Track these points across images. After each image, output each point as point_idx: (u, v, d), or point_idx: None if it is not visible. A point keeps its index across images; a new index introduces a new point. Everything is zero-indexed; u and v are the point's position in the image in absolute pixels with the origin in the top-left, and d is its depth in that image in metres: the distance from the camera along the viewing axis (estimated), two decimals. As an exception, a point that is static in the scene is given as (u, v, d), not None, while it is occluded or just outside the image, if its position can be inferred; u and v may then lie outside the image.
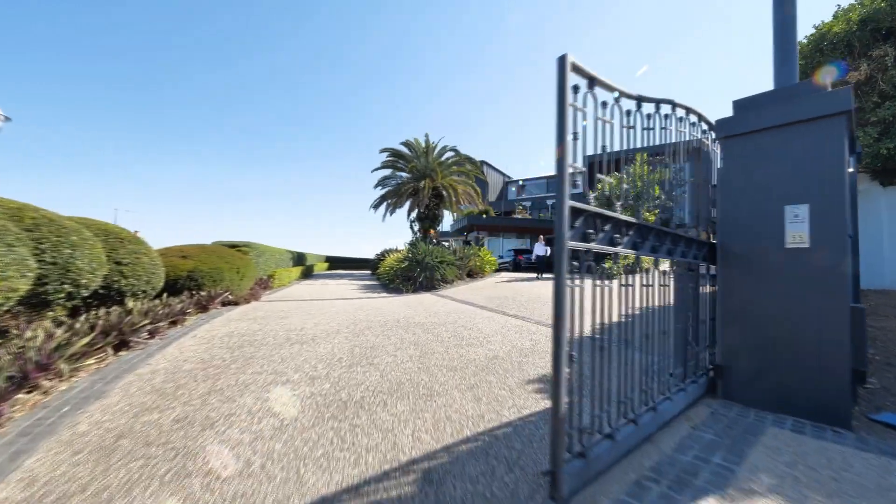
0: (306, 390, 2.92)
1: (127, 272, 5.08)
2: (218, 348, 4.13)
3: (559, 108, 1.70)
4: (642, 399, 2.42)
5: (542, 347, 4.48)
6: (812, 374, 2.52)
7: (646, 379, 2.49)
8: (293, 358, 3.83)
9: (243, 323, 5.70)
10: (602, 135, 2.00)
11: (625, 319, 2.36)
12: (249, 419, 2.41)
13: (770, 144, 2.78)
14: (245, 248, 11.00)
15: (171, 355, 3.78)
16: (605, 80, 1.96)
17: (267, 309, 7.26)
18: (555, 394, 1.69)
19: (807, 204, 2.62)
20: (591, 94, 1.92)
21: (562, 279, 1.69)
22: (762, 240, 2.81)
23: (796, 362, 2.59)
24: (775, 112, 2.75)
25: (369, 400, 2.77)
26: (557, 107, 1.71)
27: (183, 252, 7.94)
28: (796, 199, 2.66)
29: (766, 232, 2.79)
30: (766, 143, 2.81)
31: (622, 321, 2.37)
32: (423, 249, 12.05)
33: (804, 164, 2.63)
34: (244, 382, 3.06)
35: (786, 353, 2.64)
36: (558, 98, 1.71)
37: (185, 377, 3.15)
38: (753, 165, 2.87)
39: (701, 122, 3.10)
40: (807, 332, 2.56)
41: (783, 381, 2.65)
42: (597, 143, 2.00)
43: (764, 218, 2.80)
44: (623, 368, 2.29)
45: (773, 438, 2.32)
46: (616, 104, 2.09)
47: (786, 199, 2.71)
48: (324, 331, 5.18)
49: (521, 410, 2.66)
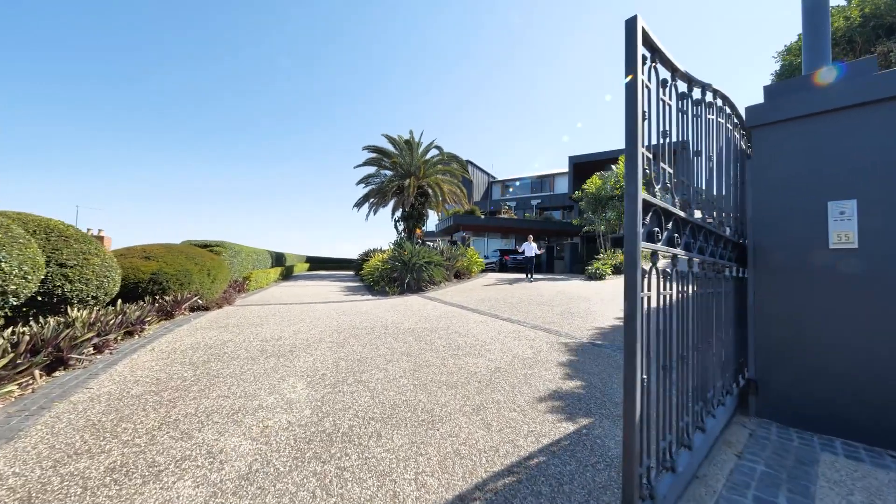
0: (282, 419, 2.44)
1: (73, 276, 4.41)
2: (179, 364, 3.56)
3: (630, 83, 1.32)
4: (694, 419, 2.07)
5: (545, 356, 4.13)
6: (865, 390, 2.24)
7: (693, 395, 2.14)
8: (268, 375, 3.32)
9: (212, 332, 5.10)
10: (662, 118, 1.63)
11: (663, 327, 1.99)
12: (208, 464, 1.91)
13: (810, 133, 2.50)
14: (218, 247, 10.22)
15: (120, 375, 3.20)
16: (667, 53, 1.59)
17: (241, 315, 6.63)
18: (629, 436, 1.30)
19: (853, 199, 2.34)
20: (655, 69, 1.55)
21: (636, 291, 1.30)
22: (801, 240, 2.52)
23: (845, 377, 2.31)
24: (816, 97, 2.46)
25: (359, 430, 2.32)
26: (627, 81, 1.33)
27: (146, 252, 7.20)
28: (841, 194, 2.38)
29: (805, 231, 2.50)
30: (805, 132, 2.52)
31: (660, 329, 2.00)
32: (410, 250, 11.58)
33: (851, 154, 2.35)
34: (206, 410, 2.55)
35: (832, 366, 2.35)
36: (627, 69, 1.33)
37: (132, 405, 2.60)
38: (790, 157, 2.59)
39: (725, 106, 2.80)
40: (857, 342, 2.28)
41: (829, 398, 2.36)
42: (659, 129, 1.63)
43: (803, 215, 2.51)
44: (681, 386, 1.92)
45: (831, 468, 2.01)
46: (673, 84, 1.73)
47: (829, 195, 2.42)
48: (304, 340, 4.65)
49: (539, 439, 2.27)
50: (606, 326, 5.78)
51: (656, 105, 1.60)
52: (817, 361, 2.41)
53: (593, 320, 6.21)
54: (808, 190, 2.50)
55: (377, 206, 19.12)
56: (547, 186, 32.81)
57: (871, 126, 2.29)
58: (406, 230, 18.83)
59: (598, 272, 12.78)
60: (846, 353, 2.31)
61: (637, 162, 1.34)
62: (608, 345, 4.72)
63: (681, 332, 1.87)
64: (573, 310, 7.12)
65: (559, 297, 8.65)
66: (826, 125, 2.44)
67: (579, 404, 2.84)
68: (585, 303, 7.96)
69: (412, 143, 18.63)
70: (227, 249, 10.59)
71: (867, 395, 2.23)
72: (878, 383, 2.20)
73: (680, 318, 1.87)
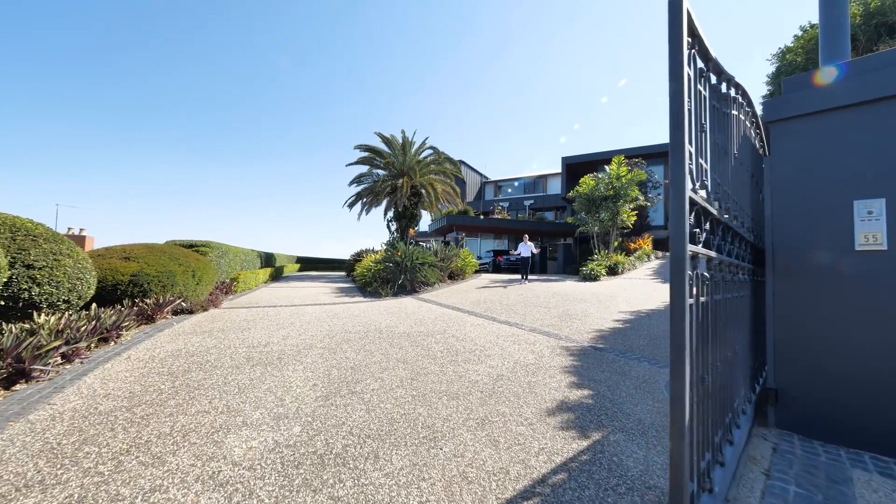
0: (269, 439, 2.20)
1: (41, 278, 4.09)
2: (156, 375, 3.28)
3: (675, 70, 1.14)
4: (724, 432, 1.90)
5: (548, 362, 3.95)
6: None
7: (723, 405, 1.97)
8: (254, 387, 3.07)
9: (196, 338, 4.81)
10: (698, 112, 1.46)
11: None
12: (182, 496, 1.68)
13: (835, 128, 2.36)
14: (204, 247, 9.85)
15: (89, 388, 2.91)
16: (706, 41, 1.41)
17: (227, 318, 6.33)
18: (677, 469, 1.11)
19: (882, 198, 2.21)
20: (694, 58, 1.37)
21: (684, 298, 1.11)
22: (824, 241, 2.38)
23: (873, 386, 2.17)
24: (843, 90, 2.33)
25: (354, 451, 2.10)
26: (671, 70, 1.15)
27: (126, 253, 6.84)
28: (869, 192, 2.25)
29: (829, 232, 2.36)
30: (829, 127, 2.39)
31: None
32: (403, 250, 11.34)
33: (881, 150, 2.22)
34: (183, 429, 2.30)
35: (860, 375, 2.22)
36: (671, 58, 1.15)
37: (99, 423, 2.33)
38: (812, 153, 2.45)
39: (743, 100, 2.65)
40: (887, 349, 2.14)
41: (856, 408, 2.23)
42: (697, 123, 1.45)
43: (826, 215, 2.38)
44: (715, 397, 1.74)
45: (867, 488, 1.87)
46: (706, 75, 1.56)
47: (855, 193, 2.29)
48: (294, 346, 4.40)
49: (552, 458, 2.08)
50: (606, 329, 5.65)
51: (694, 97, 1.43)
52: (844, 370, 2.27)
53: (592, 323, 6.07)
54: (833, 188, 2.36)
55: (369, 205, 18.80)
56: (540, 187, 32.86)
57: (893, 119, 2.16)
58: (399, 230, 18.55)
59: (592, 273, 12.71)
60: (875, 361, 2.17)
61: (683, 156, 1.16)
62: (610, 349, 4.57)
63: (714, 339, 1.70)
64: (570, 312, 6.98)
65: (555, 299, 8.51)
66: (854, 119, 2.30)
67: (589, 416, 2.66)
68: (582, 304, 7.83)
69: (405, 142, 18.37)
70: (213, 250, 10.21)
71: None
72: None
73: (714, 325, 1.69)
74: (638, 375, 3.61)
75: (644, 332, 5.49)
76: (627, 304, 7.98)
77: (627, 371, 3.73)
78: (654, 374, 3.68)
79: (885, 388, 2.13)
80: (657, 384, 3.40)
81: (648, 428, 2.50)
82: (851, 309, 2.26)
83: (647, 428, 2.50)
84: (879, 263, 2.20)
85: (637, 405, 2.89)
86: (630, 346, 4.71)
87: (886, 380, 2.13)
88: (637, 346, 4.68)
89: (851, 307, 2.26)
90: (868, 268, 2.23)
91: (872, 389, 2.17)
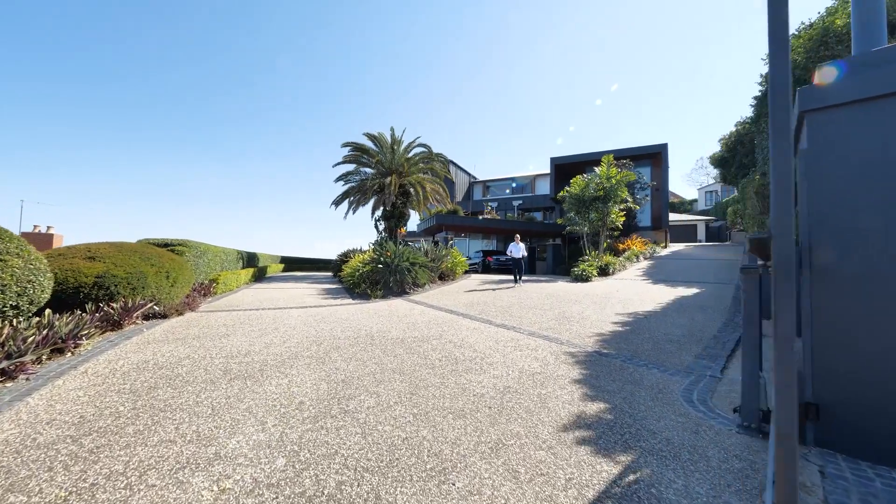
0: (246, 476, 1.84)
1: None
2: (115, 393, 2.85)
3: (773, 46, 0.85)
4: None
5: (554, 371, 3.69)
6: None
7: None
8: (231, 406, 2.68)
9: (167, 346, 4.35)
10: None
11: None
12: (130, 565, 1.31)
13: (885, 115, 2.15)
14: (180, 247, 9.24)
15: (31, 412, 2.47)
16: None
17: (204, 323, 5.85)
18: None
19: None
20: None
21: (790, 306, 0.81)
22: (870, 241, 2.17)
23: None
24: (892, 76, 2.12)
25: (351, 490, 1.76)
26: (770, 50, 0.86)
27: (91, 252, 6.26)
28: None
29: (878, 229, 2.15)
30: (877, 115, 2.18)
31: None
32: (393, 250, 10.96)
33: (935, 143, 2.01)
34: (140, 466, 1.91)
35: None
36: (770, 38, 0.87)
37: (33, 461, 1.92)
38: (858, 144, 2.24)
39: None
40: (945, 363, 1.94)
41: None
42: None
43: (875, 210, 2.17)
44: None
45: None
46: None
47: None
48: (277, 356, 4.00)
49: (582, 492, 1.79)
50: (606, 332, 5.43)
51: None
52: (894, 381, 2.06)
53: (591, 325, 5.85)
54: (882, 181, 2.15)
55: (357, 204, 18.29)
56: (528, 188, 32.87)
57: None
58: (387, 230, 18.12)
59: (584, 274, 12.59)
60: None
61: (788, 137, 0.87)
62: (615, 354, 4.35)
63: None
64: (567, 314, 6.76)
65: (550, 301, 8.29)
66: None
67: (612, 435, 2.39)
68: (578, 306, 7.63)
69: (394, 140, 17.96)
70: (190, 249, 9.61)
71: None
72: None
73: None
74: (651, 385, 3.38)
75: (646, 334, 5.30)
76: (623, 305, 7.82)
77: (639, 380, 3.50)
78: (667, 382, 3.46)
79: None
80: (673, 394, 3.17)
81: (680, 449, 2.25)
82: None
83: (678, 449, 2.24)
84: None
85: (659, 420, 2.64)
86: (635, 350, 4.49)
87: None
88: (642, 351, 4.46)
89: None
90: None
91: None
